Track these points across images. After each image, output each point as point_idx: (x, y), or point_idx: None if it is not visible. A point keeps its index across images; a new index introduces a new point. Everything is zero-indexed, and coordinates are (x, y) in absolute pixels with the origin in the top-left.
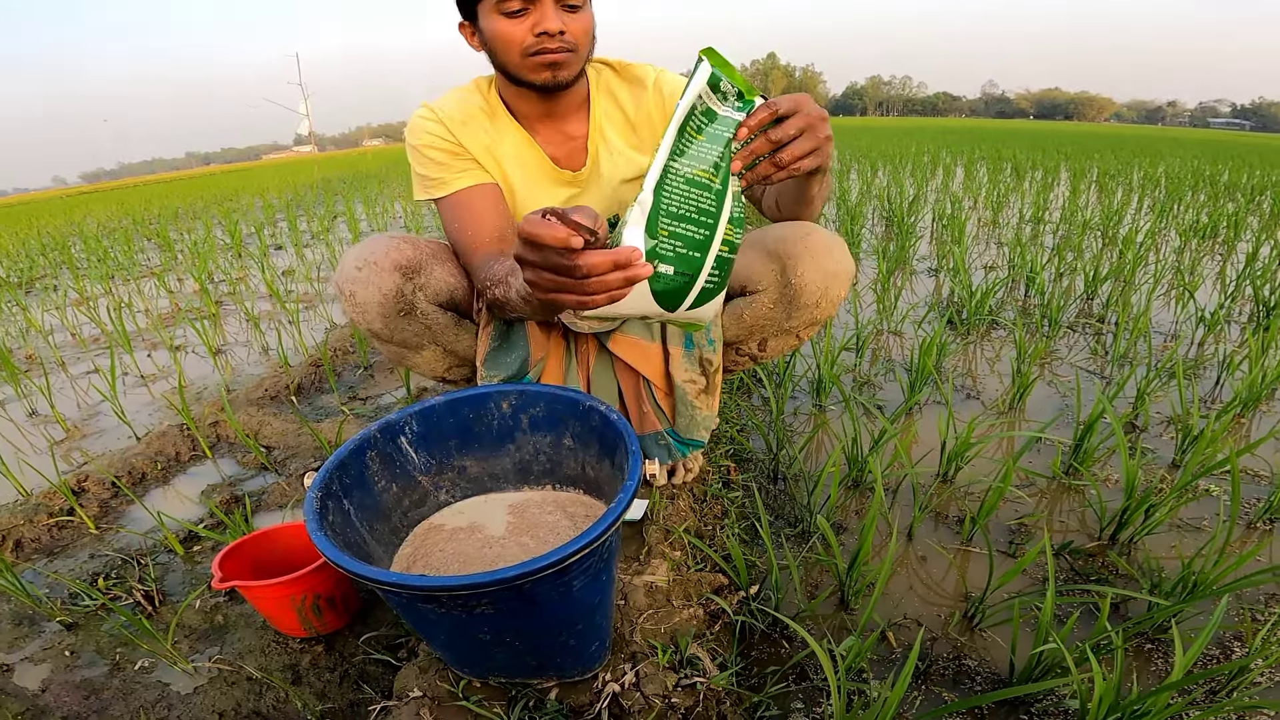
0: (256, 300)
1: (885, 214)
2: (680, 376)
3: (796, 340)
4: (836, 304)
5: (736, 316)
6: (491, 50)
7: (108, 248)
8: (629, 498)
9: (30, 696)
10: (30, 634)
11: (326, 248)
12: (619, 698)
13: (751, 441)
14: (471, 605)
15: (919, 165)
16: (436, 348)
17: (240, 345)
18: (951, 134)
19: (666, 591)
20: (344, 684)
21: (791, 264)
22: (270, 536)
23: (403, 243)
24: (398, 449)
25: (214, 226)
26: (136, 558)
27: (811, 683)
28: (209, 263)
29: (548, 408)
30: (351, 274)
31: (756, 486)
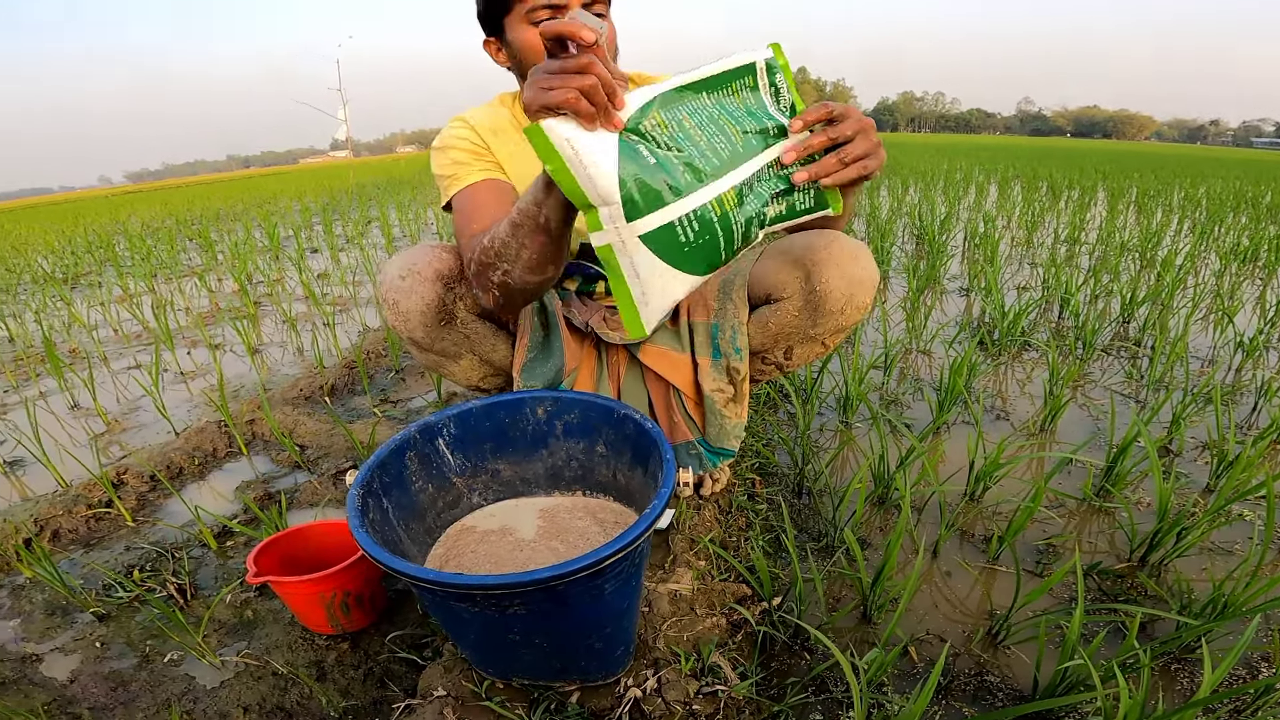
0: (293, 302)
1: (916, 232)
2: (709, 385)
3: (823, 348)
4: (862, 310)
5: (762, 325)
6: (519, 60)
7: (151, 246)
8: (663, 504)
9: (58, 687)
10: (63, 624)
11: (360, 252)
12: (640, 703)
13: (777, 456)
14: (505, 605)
15: (951, 182)
16: (473, 357)
17: (276, 345)
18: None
19: (690, 600)
20: (368, 682)
21: (816, 270)
22: (303, 534)
23: (445, 252)
24: (435, 450)
25: (253, 228)
26: (171, 551)
27: (831, 695)
28: (248, 264)
29: (582, 415)
30: (395, 282)
31: (781, 500)
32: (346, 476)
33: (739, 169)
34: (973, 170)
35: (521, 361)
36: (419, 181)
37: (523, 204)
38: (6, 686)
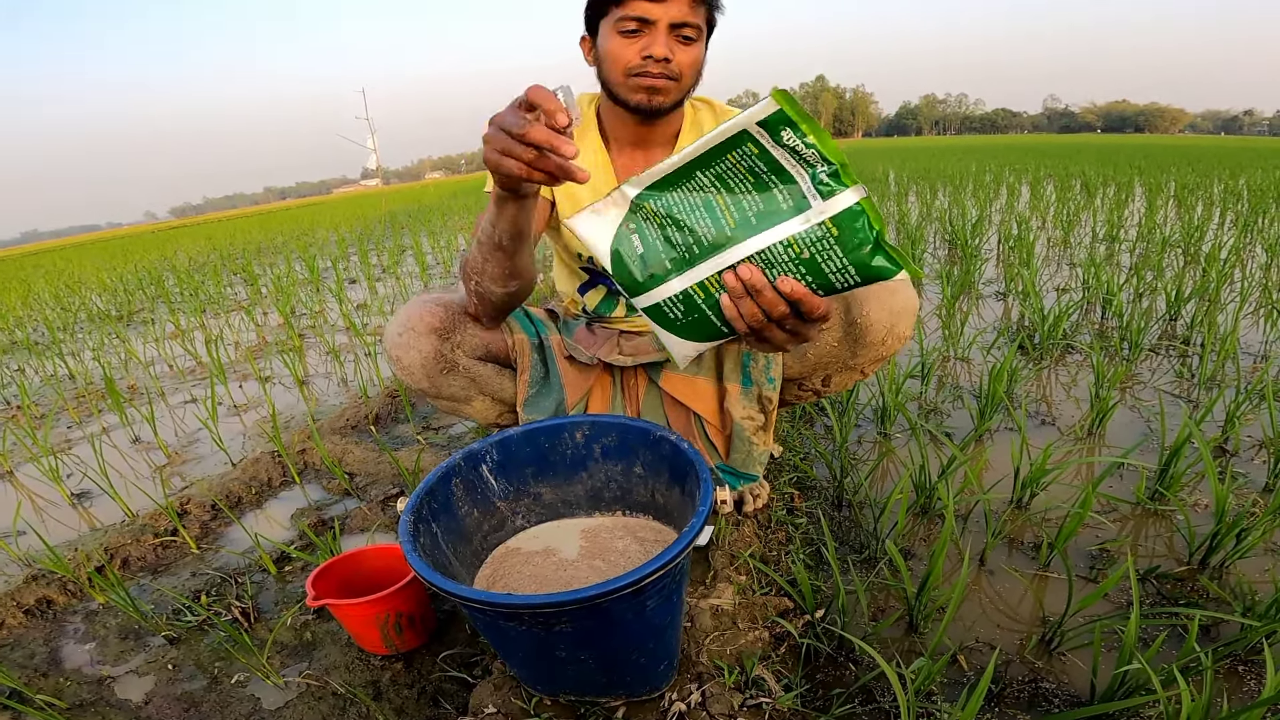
0: (335, 333)
1: (948, 237)
2: (738, 413)
3: (861, 375)
4: (903, 341)
5: (800, 355)
6: (600, 66)
7: (199, 282)
8: (701, 523)
9: (134, 708)
10: (136, 648)
11: (396, 281)
12: (685, 717)
13: (815, 469)
14: (551, 623)
15: (980, 185)
16: (484, 397)
17: (321, 376)
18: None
19: (732, 615)
20: (421, 700)
21: (856, 303)
22: (357, 558)
23: (435, 306)
24: (479, 476)
25: (293, 261)
26: (234, 576)
27: (878, 705)
28: (291, 297)
29: (619, 437)
30: (395, 340)
31: (821, 514)
32: (397, 503)
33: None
34: (1002, 171)
35: (524, 397)
36: (448, 208)
37: (483, 225)
38: (84, 708)
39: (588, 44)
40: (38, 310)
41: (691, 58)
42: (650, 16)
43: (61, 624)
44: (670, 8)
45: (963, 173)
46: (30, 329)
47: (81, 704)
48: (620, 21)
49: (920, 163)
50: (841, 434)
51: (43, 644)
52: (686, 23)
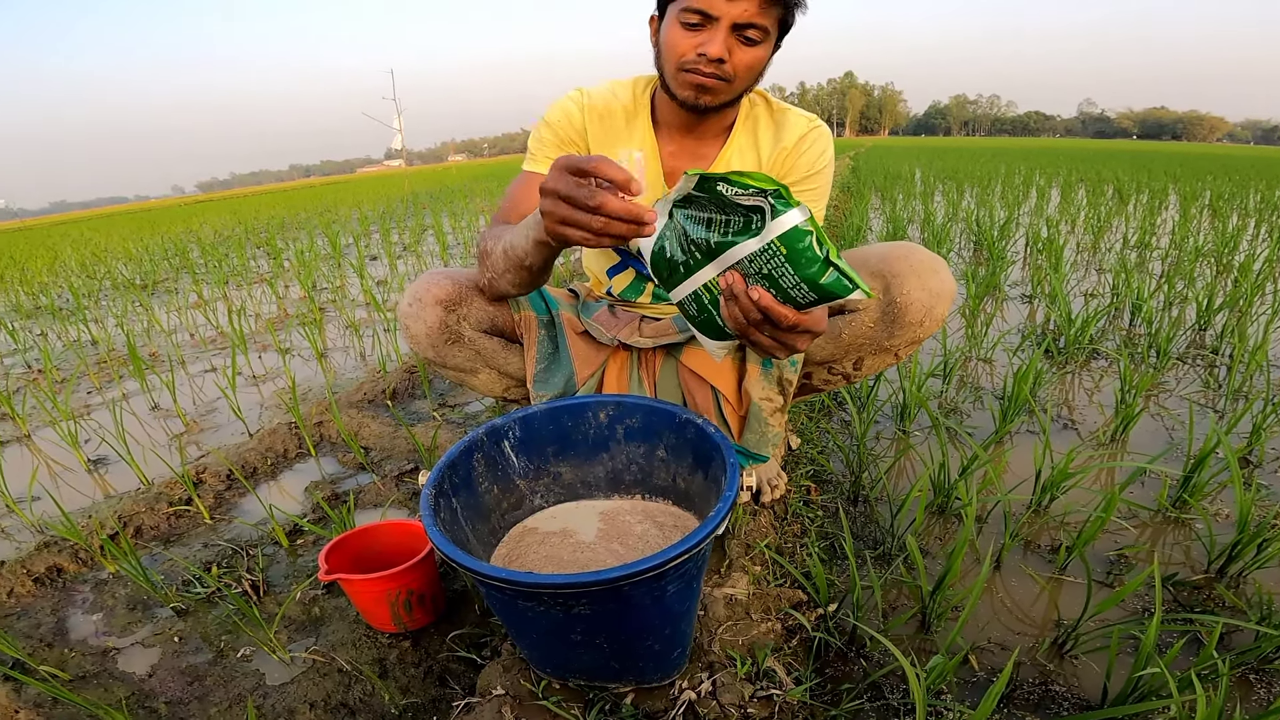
0: (355, 308)
1: (974, 237)
2: (757, 394)
3: (894, 359)
4: (939, 323)
5: (834, 335)
6: (658, 52)
7: (223, 254)
8: (728, 508)
9: (137, 681)
10: (143, 619)
11: (417, 259)
12: (695, 705)
13: (832, 463)
14: (570, 604)
15: (1010, 187)
16: (490, 370)
17: (340, 350)
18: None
19: (746, 605)
20: (427, 680)
21: (896, 282)
22: (370, 533)
23: (444, 279)
24: (500, 452)
25: (316, 236)
26: (245, 548)
27: (886, 701)
28: (313, 271)
29: (644, 419)
30: (405, 310)
31: (839, 507)
32: (419, 476)
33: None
34: (1032, 174)
35: (533, 372)
36: (470, 190)
37: (516, 241)
38: (87, 680)
39: (655, 23)
40: (64, 277)
41: (750, 60)
42: (714, 12)
43: (70, 593)
44: (736, 6)
45: (991, 174)
46: (56, 295)
47: (84, 676)
48: (684, 12)
49: (948, 163)
50: (861, 429)
51: (50, 613)
52: (753, 24)
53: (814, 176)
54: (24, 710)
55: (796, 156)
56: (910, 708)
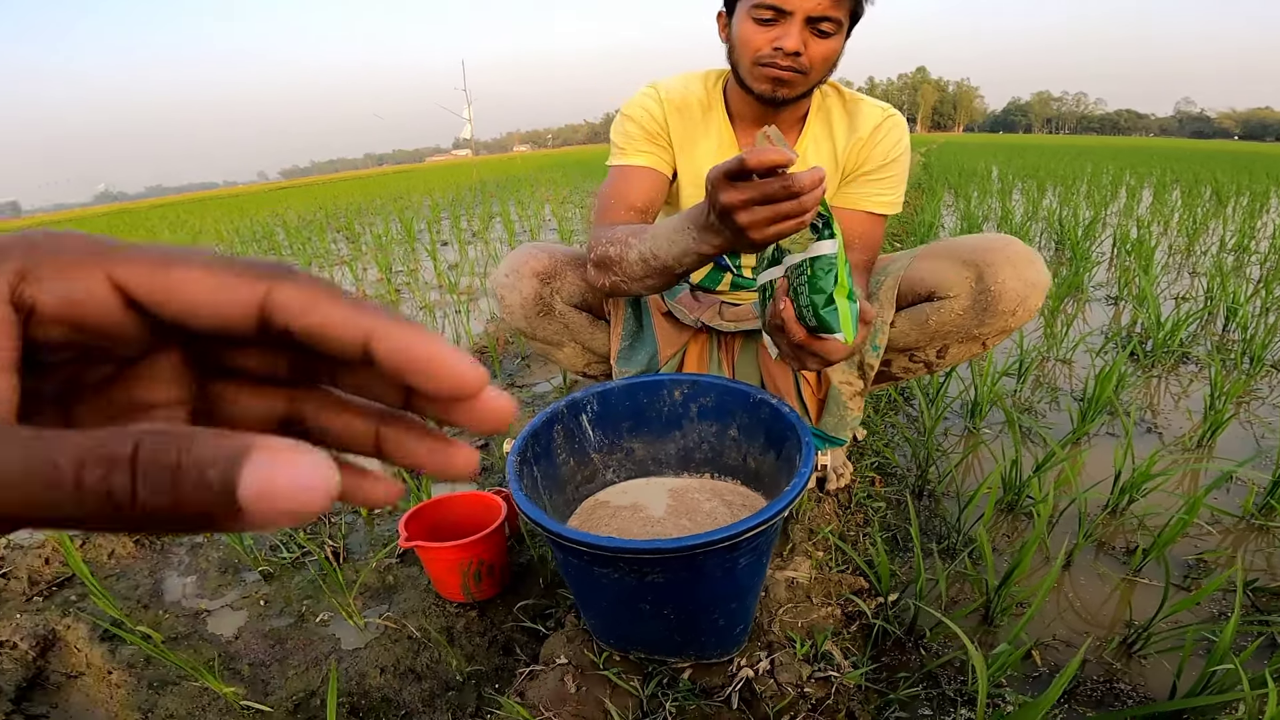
0: (428, 290)
1: (1056, 237)
2: (837, 377)
3: (981, 348)
4: (1032, 314)
5: (920, 322)
6: (731, 47)
7: (307, 238)
8: (805, 482)
9: (224, 643)
10: (232, 582)
11: (485, 245)
12: (752, 683)
13: (897, 456)
14: (645, 571)
15: (1096, 186)
16: (575, 344)
17: None
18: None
19: (807, 589)
20: (491, 649)
21: (991, 270)
22: (444, 504)
23: (540, 252)
24: (579, 425)
25: (390, 221)
26: (327, 516)
27: (943, 691)
28: (389, 255)
29: (718, 399)
30: (501, 280)
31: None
32: (504, 444)
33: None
34: (1122, 174)
35: (617, 348)
36: (535, 180)
37: (659, 251)
38: (179, 641)
39: (723, 20)
40: None
41: (825, 52)
42: (787, 7)
43: (167, 555)
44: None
45: (1076, 173)
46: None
47: (176, 637)
48: (756, 8)
49: (1028, 160)
50: (932, 423)
51: (148, 575)
52: (827, 16)
53: (889, 165)
54: (117, 671)
55: (872, 146)
56: (967, 698)
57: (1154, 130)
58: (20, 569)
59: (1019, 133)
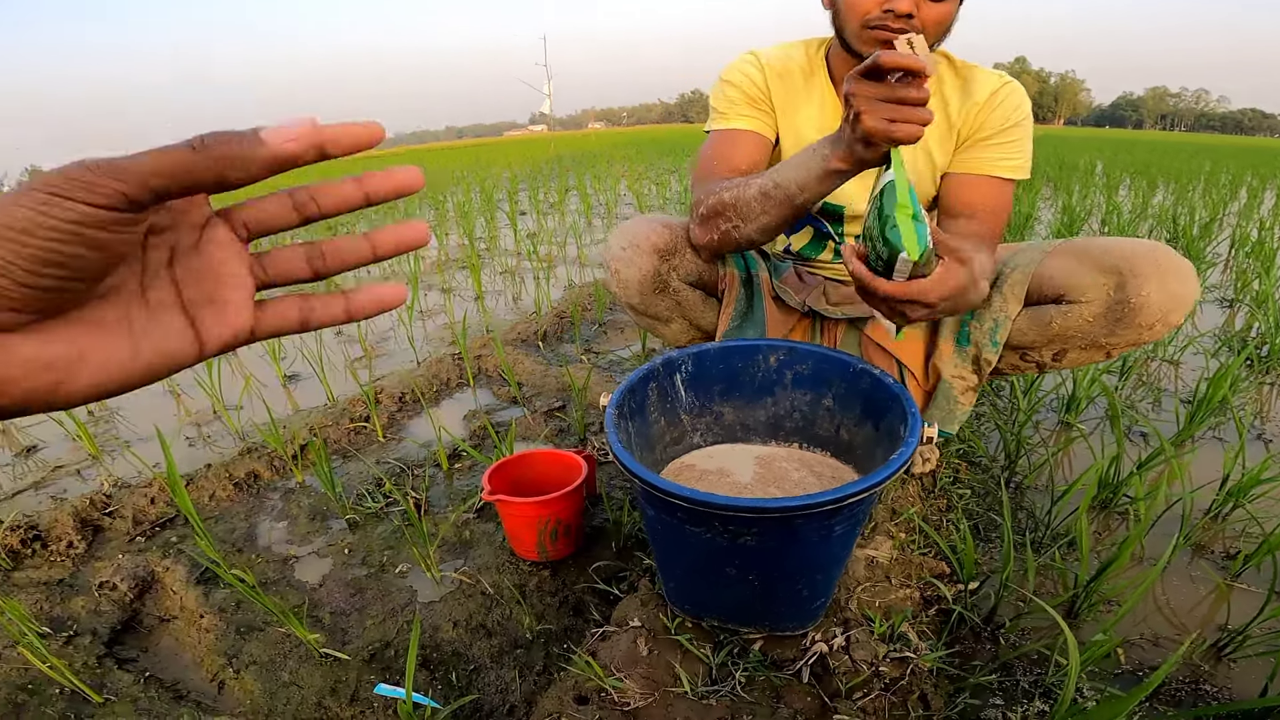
0: (506, 257)
1: (1168, 236)
2: (948, 371)
3: (1105, 357)
4: (1171, 329)
5: (1043, 324)
6: (835, 11)
7: (394, 203)
8: (910, 452)
9: (309, 590)
10: (320, 529)
11: (561, 217)
12: (826, 658)
13: (984, 445)
14: (740, 532)
15: (1214, 185)
16: (683, 321)
17: (492, 294)
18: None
19: (886, 569)
20: (562, 609)
21: (1135, 281)
22: (525, 460)
23: (661, 227)
24: (672, 384)
25: (471, 191)
26: (411, 468)
27: (1017, 681)
28: (472, 221)
29: (814, 367)
30: (617, 253)
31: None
32: (601, 398)
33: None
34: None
35: (725, 328)
36: (610, 156)
37: (782, 180)
38: (268, 586)
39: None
40: None
41: (939, 14)
42: None
43: (263, 499)
44: None
45: (1191, 171)
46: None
47: (266, 582)
48: None
49: (1136, 156)
50: (1023, 415)
51: (243, 519)
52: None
53: (1010, 130)
54: (208, 614)
55: (989, 111)
56: (1044, 690)
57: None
58: (126, 508)
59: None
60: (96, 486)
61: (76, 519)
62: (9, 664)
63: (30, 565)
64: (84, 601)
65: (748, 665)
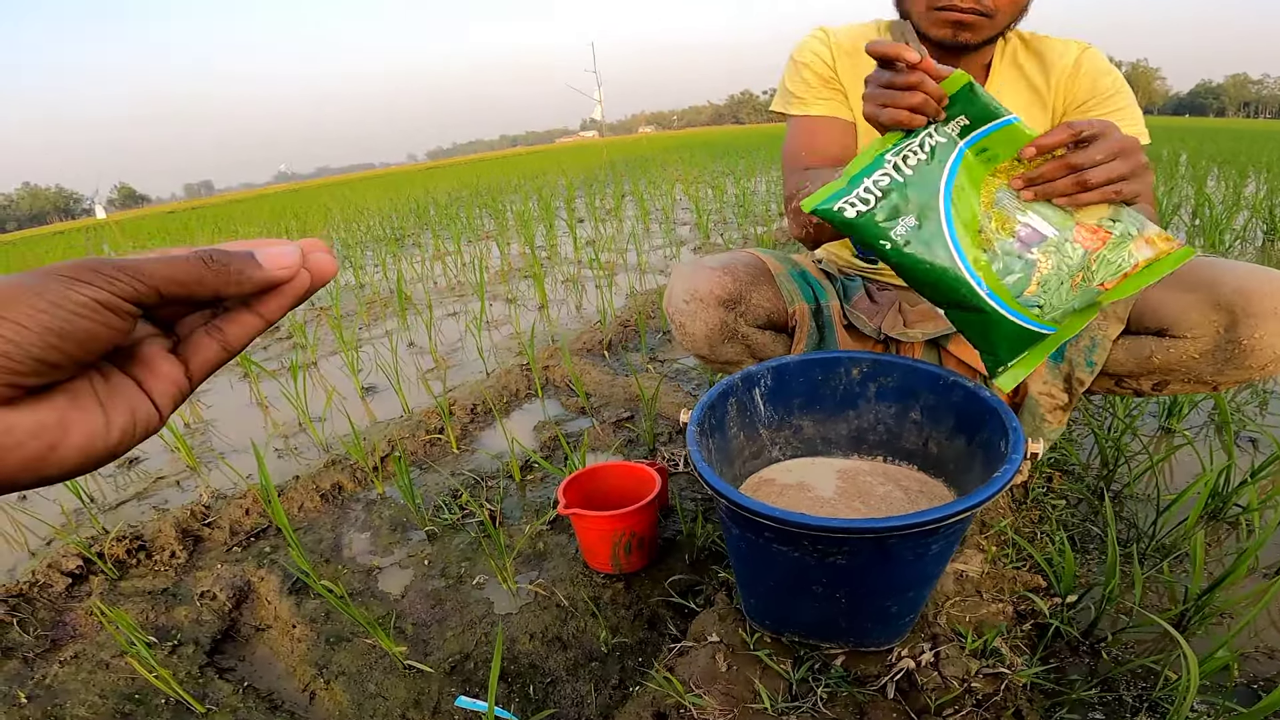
0: (567, 265)
1: (1266, 228)
2: (1036, 387)
3: (1211, 391)
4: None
5: (1143, 356)
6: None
7: (455, 213)
8: (1014, 469)
9: (392, 601)
10: (401, 540)
11: (619, 223)
12: (913, 674)
13: (1078, 453)
14: (830, 551)
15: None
16: (753, 360)
17: (555, 303)
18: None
19: (977, 583)
20: (636, 622)
21: (1249, 323)
22: (599, 473)
23: (723, 275)
24: (751, 399)
25: (529, 199)
26: (485, 479)
27: (1119, 696)
28: (532, 230)
29: (901, 378)
30: (680, 306)
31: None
32: (681, 415)
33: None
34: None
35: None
36: (663, 160)
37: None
38: (355, 597)
39: None
40: (333, 231)
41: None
42: None
43: (346, 510)
44: None
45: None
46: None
47: (352, 592)
48: None
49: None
50: (1121, 422)
51: (329, 530)
52: None
53: (1114, 96)
54: (300, 624)
55: (1081, 77)
56: (1150, 705)
57: None
58: (223, 519)
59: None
60: (195, 497)
61: (178, 529)
62: (116, 673)
63: (136, 575)
64: (186, 611)
65: (829, 681)
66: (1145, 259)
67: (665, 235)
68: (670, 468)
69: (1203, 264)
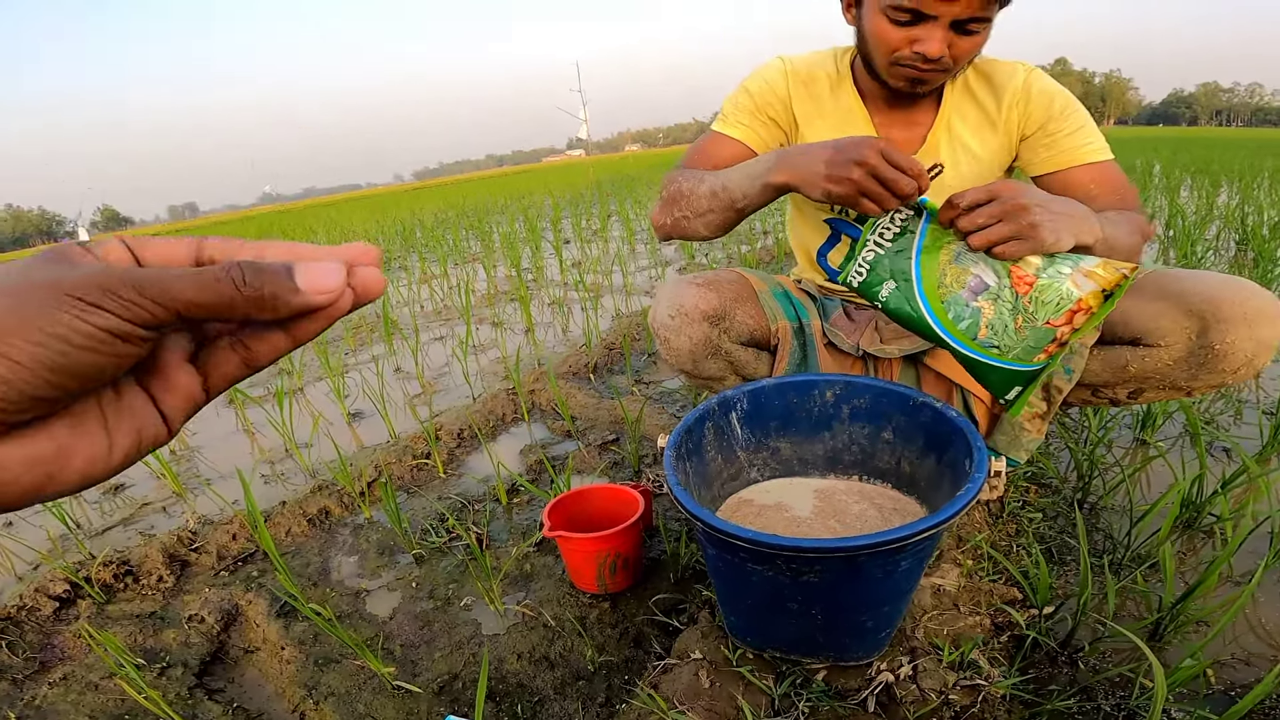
0: (553, 287)
1: (1238, 237)
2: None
3: (1185, 396)
4: (1257, 373)
5: (1118, 366)
6: (861, 38)
7: (441, 235)
8: (977, 489)
9: (380, 623)
10: (389, 564)
11: (605, 244)
12: (892, 687)
13: (1054, 466)
14: (802, 570)
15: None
16: (737, 378)
17: (541, 325)
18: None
19: (954, 597)
20: (622, 641)
21: (1220, 328)
22: (583, 496)
23: (707, 291)
24: (728, 423)
25: (516, 220)
26: (471, 503)
27: (1098, 705)
28: (519, 253)
29: (872, 400)
30: (665, 321)
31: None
32: (659, 439)
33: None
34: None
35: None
36: (650, 179)
37: (730, 183)
38: (343, 620)
39: (850, 5)
40: None
41: (970, 46)
42: (929, 11)
43: (334, 535)
44: (956, 5)
45: (1254, 169)
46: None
47: (340, 615)
48: (893, 9)
49: (1195, 154)
50: (1100, 435)
51: (317, 554)
52: (975, 17)
53: (1071, 114)
54: (289, 647)
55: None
56: (1127, 714)
57: None
58: (210, 544)
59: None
60: (182, 523)
61: (165, 554)
62: (106, 694)
63: (123, 599)
64: (174, 634)
65: (811, 696)
66: (1090, 291)
67: (651, 255)
68: (654, 489)
69: (1171, 275)
